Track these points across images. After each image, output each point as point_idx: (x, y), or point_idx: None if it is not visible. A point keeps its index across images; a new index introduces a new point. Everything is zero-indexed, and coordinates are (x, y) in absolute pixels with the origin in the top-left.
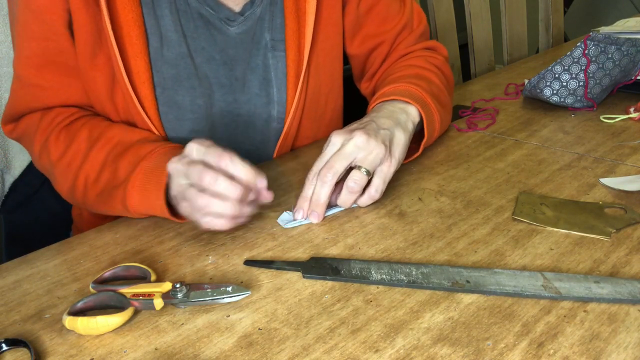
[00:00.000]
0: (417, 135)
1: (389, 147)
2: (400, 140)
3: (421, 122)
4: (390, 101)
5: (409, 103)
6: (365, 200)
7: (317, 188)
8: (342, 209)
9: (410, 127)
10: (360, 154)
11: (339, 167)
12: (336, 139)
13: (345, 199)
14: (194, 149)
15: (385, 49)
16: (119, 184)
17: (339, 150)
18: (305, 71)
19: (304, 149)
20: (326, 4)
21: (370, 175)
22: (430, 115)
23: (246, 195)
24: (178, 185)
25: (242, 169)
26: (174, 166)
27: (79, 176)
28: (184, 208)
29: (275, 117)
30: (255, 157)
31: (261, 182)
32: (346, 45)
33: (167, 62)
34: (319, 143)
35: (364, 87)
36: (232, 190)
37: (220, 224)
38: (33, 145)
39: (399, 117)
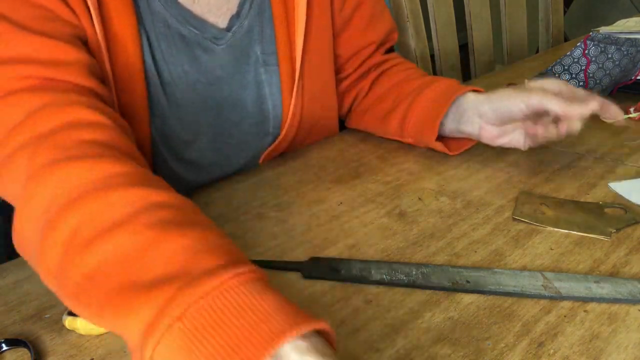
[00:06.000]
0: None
1: None
2: None
3: None
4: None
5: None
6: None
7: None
8: None
9: None
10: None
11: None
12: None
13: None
14: None
15: (366, 53)
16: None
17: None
18: (299, 83)
19: (302, 150)
20: (316, 10)
21: None
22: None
23: None
24: None
25: None
26: None
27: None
28: None
29: (270, 132)
30: (243, 168)
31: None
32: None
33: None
34: (316, 144)
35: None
36: None
37: None
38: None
39: None
